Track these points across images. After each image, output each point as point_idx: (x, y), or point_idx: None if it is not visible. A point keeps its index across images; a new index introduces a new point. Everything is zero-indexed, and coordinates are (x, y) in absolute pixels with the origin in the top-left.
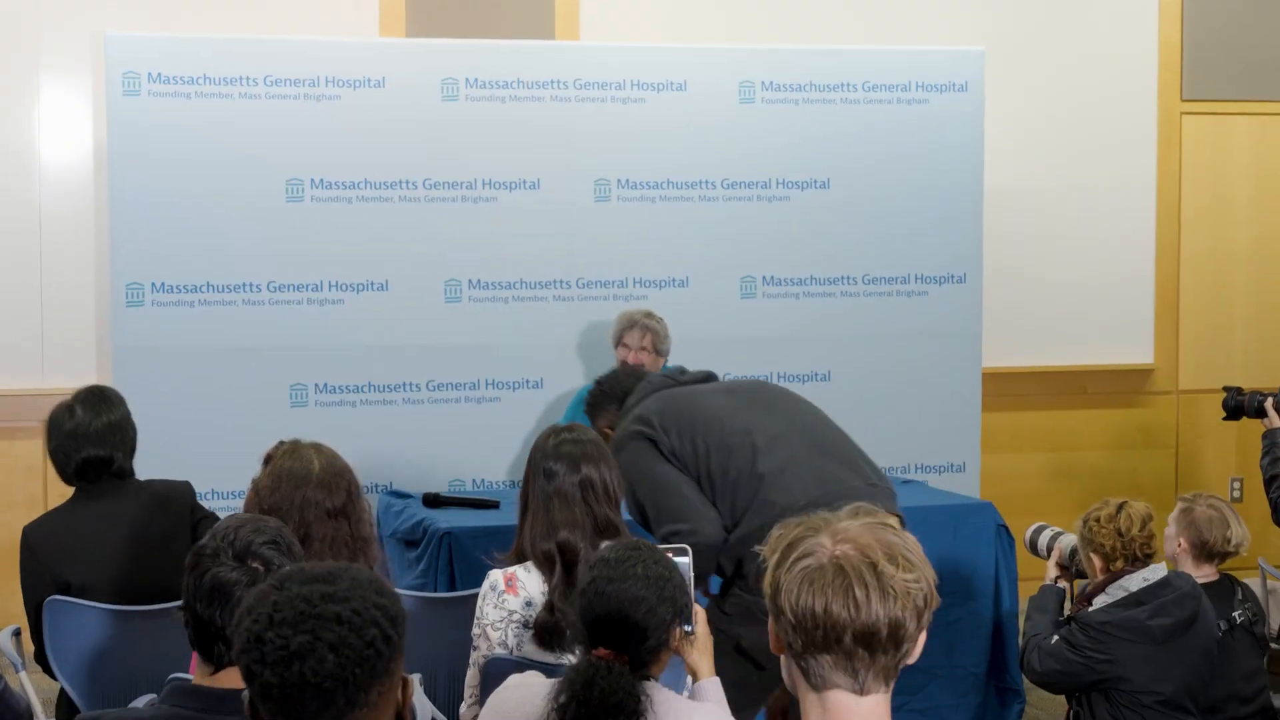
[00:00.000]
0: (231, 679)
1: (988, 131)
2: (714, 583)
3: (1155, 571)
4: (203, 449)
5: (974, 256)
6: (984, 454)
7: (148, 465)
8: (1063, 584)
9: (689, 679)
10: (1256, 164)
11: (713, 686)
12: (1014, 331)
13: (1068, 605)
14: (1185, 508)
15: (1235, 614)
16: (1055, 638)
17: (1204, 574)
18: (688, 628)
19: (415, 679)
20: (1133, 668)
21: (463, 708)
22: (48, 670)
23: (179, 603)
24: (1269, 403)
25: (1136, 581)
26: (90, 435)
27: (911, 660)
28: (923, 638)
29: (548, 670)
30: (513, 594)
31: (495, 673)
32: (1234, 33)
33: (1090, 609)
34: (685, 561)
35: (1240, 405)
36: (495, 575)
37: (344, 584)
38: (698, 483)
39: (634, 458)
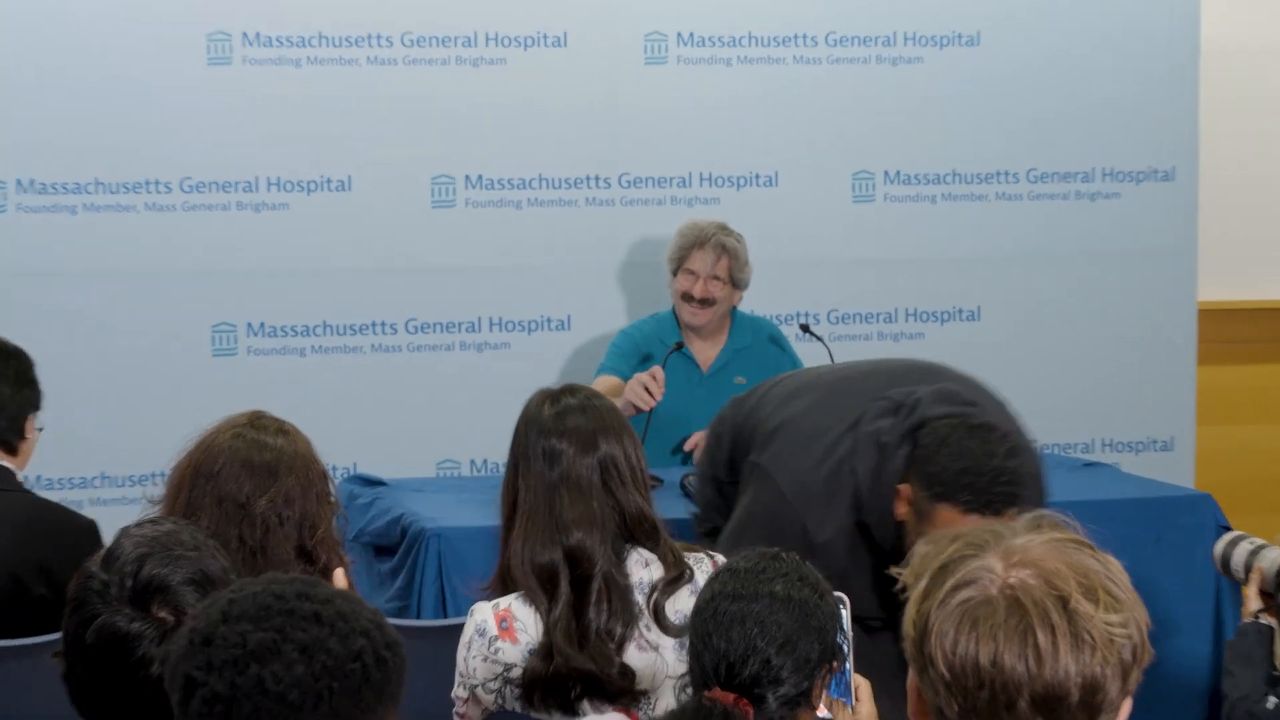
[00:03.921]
0: None
1: None
2: None
3: None
4: (87, 418)
5: (1186, 144)
6: (1201, 425)
7: None
8: (1269, 620)
9: None
10: None
11: None
12: (1243, 251)
13: None
14: None
15: None
16: (1272, 700)
17: None
18: (847, 700)
19: None
20: None
21: None
22: None
23: (57, 635)
24: None
25: None
26: None
27: None
28: (1127, 706)
29: None
30: (509, 640)
31: None
32: None
33: None
34: (845, 614)
35: None
36: (483, 612)
37: (325, 588)
38: None
39: None
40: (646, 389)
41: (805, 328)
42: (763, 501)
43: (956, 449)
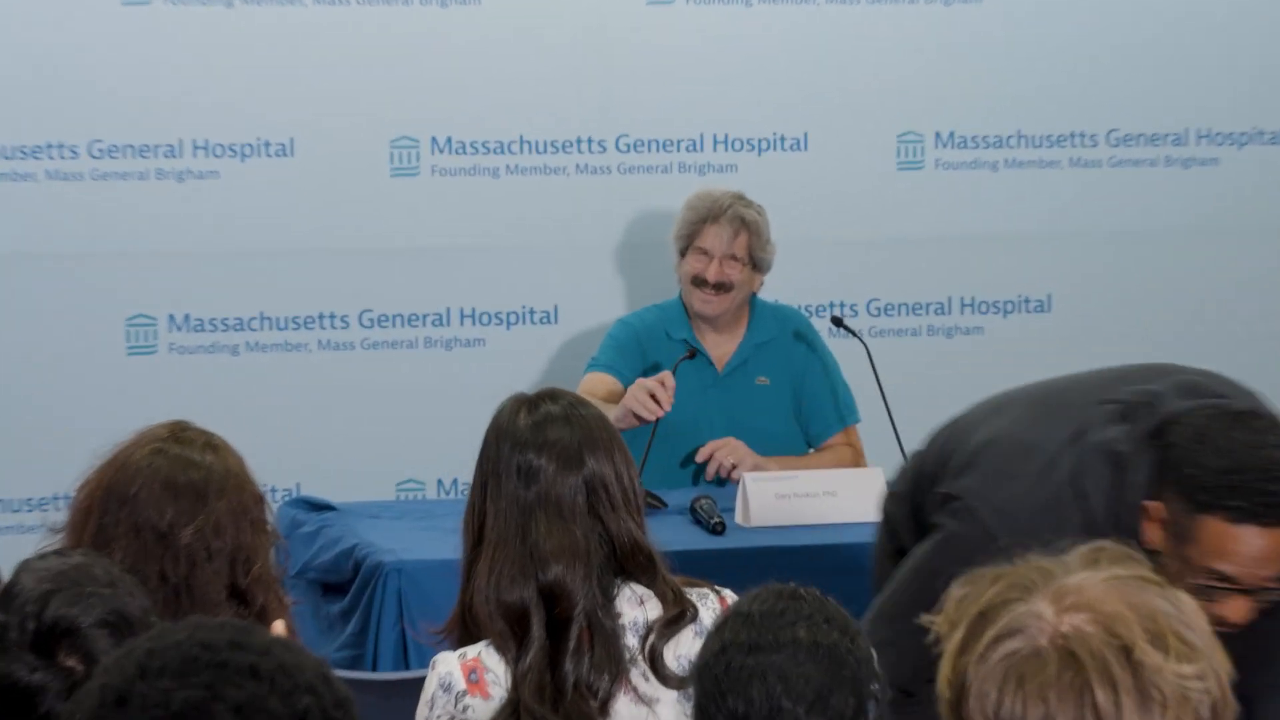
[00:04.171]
0: None
1: None
2: None
3: None
4: None
5: None
6: None
7: None
8: None
9: None
10: None
11: None
12: None
13: None
14: None
15: None
16: None
17: None
18: None
19: None
20: None
21: None
22: None
23: None
24: None
25: None
26: None
27: None
28: None
29: None
30: (479, 695)
31: None
32: None
33: None
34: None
35: None
36: (448, 664)
37: (262, 636)
38: None
39: None
40: (653, 397)
41: (838, 320)
42: (962, 539)
43: (1218, 444)
